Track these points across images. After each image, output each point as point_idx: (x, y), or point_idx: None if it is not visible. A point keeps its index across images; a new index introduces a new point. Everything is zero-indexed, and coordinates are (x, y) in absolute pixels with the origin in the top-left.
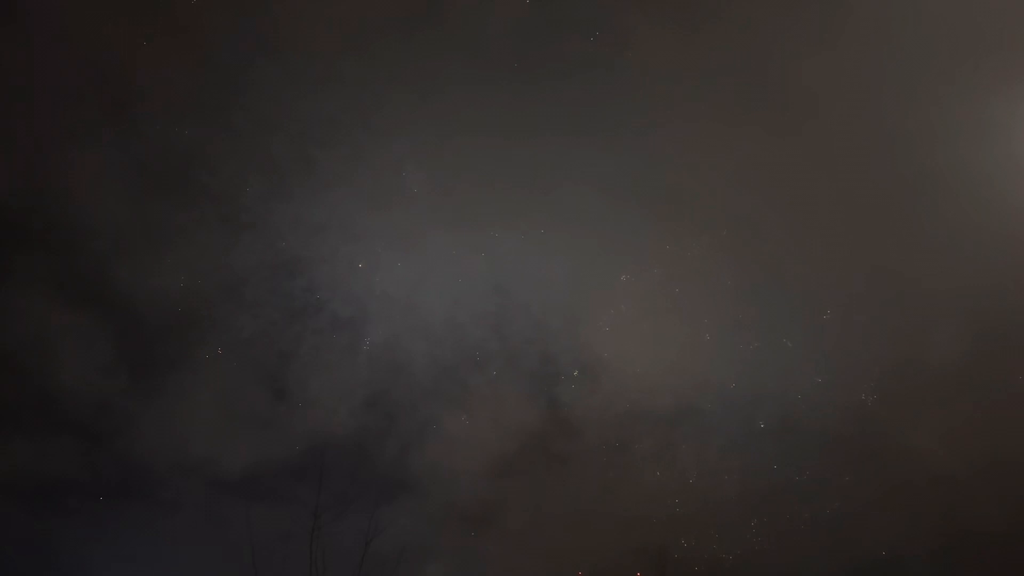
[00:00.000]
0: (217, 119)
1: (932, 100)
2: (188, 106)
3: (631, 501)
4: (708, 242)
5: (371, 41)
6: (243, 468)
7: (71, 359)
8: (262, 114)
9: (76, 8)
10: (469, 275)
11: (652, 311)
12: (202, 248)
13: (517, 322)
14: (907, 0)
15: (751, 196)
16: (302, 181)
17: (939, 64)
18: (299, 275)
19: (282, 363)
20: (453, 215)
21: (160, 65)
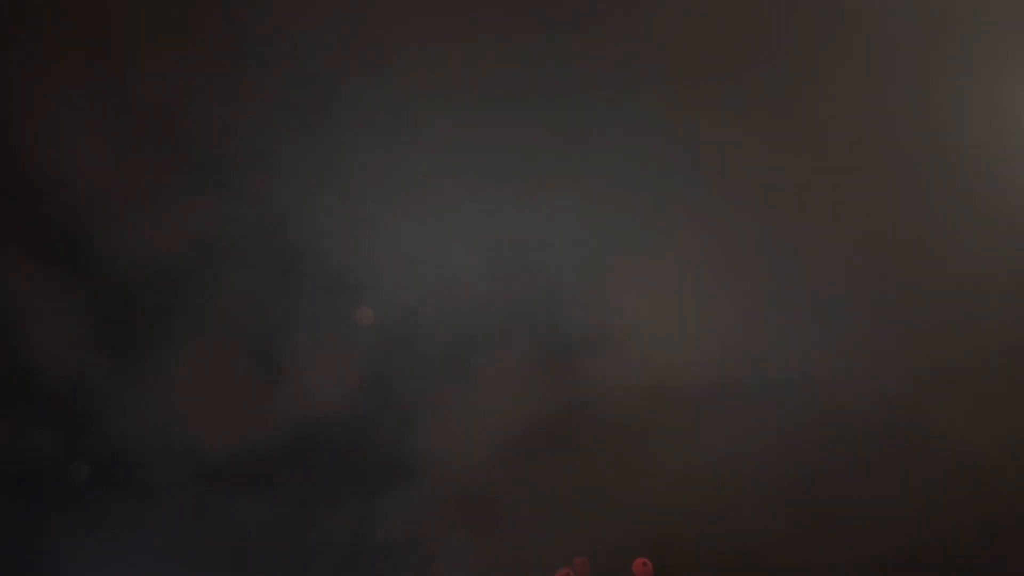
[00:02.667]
0: (205, 51)
1: (967, 72)
2: (174, 40)
3: (646, 487)
4: (747, 213)
5: None
6: (229, 452)
7: (45, 330)
8: (256, 42)
9: None
10: (486, 235)
11: (684, 282)
12: (187, 203)
13: (535, 290)
14: None
15: (789, 168)
16: (302, 121)
17: (982, 33)
18: (296, 232)
19: (274, 334)
20: (473, 167)
21: None
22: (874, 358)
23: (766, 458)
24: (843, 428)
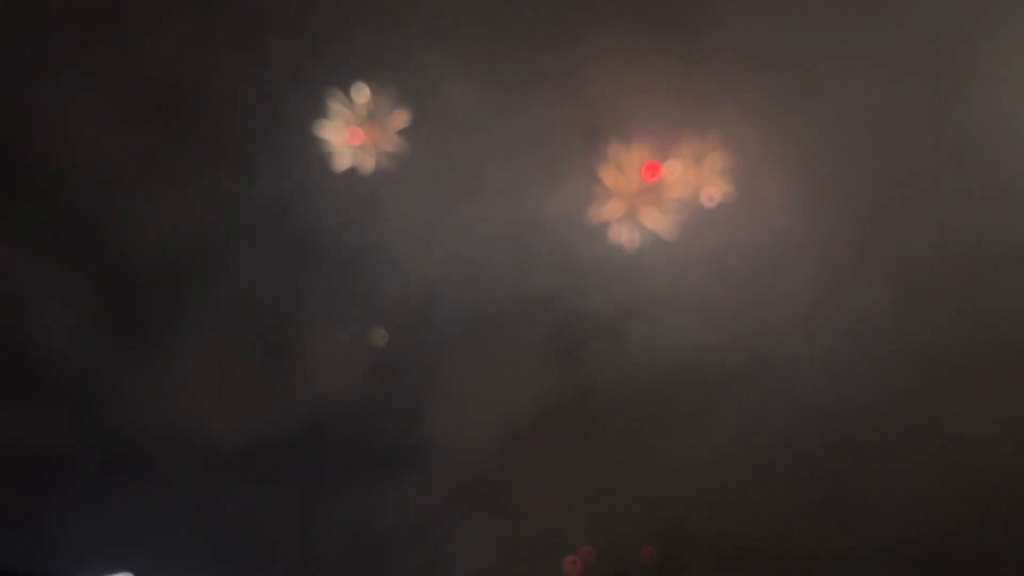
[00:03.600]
0: (213, 34)
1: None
2: (181, 26)
3: (658, 474)
4: (759, 206)
5: None
6: (236, 440)
7: (52, 318)
8: (266, 24)
9: None
10: (501, 214)
11: (700, 272)
12: (196, 187)
13: (550, 270)
14: None
15: (804, 165)
16: (310, 97)
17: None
18: (305, 216)
19: (282, 319)
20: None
21: None
22: (891, 347)
23: (778, 447)
24: (858, 418)
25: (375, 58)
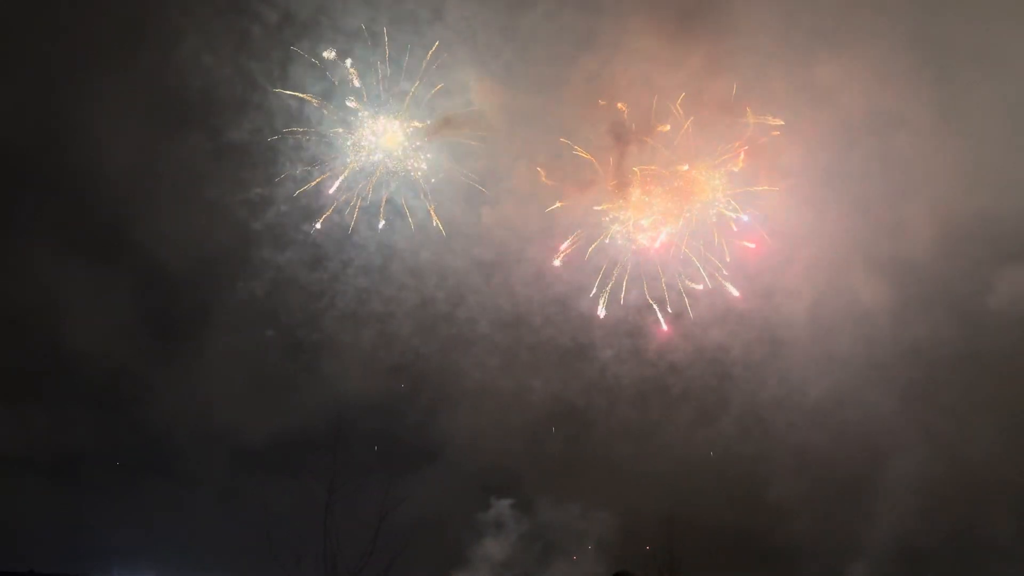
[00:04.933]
0: (241, 37)
1: None
2: (211, 28)
3: (663, 467)
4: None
5: None
6: (263, 438)
7: (85, 320)
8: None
9: None
10: (522, 219)
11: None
12: (226, 189)
13: (567, 272)
14: None
15: (813, 160)
16: (337, 97)
17: None
18: (332, 219)
19: (310, 319)
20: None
21: None
22: (895, 346)
23: (786, 440)
24: (864, 414)
25: (401, 66)
